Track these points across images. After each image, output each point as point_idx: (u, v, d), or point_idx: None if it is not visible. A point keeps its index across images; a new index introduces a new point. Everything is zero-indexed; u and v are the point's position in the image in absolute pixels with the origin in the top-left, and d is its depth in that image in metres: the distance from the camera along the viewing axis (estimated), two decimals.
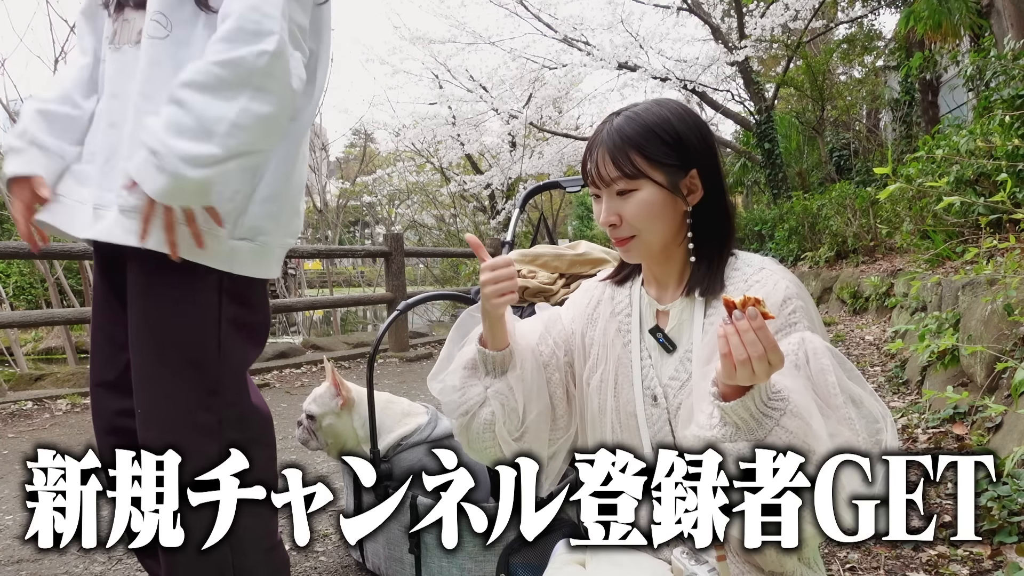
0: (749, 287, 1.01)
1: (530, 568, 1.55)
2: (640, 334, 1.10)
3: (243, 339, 1.26)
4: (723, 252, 1.06)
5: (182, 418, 1.19)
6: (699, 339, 1.03)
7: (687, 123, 1.04)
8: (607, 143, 1.02)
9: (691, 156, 1.03)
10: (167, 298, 1.19)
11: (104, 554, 2.17)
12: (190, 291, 1.20)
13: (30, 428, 4.04)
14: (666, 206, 1.02)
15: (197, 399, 1.21)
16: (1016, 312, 2.54)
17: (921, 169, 5.05)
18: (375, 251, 7.67)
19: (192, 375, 1.20)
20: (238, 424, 1.26)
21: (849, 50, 13.80)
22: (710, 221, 1.05)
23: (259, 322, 1.32)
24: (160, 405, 1.20)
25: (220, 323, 1.22)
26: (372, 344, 1.99)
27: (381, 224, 18.65)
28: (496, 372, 1.11)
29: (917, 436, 2.85)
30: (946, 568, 1.75)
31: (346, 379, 1.92)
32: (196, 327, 1.21)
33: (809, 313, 0.99)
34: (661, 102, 1.07)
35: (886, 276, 6.10)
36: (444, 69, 13.42)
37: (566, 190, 2.95)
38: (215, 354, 1.21)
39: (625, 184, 1.01)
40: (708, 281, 1.04)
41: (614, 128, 1.03)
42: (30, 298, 12.05)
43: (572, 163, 14.15)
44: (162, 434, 1.18)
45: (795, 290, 0.99)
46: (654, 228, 1.03)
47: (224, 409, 1.23)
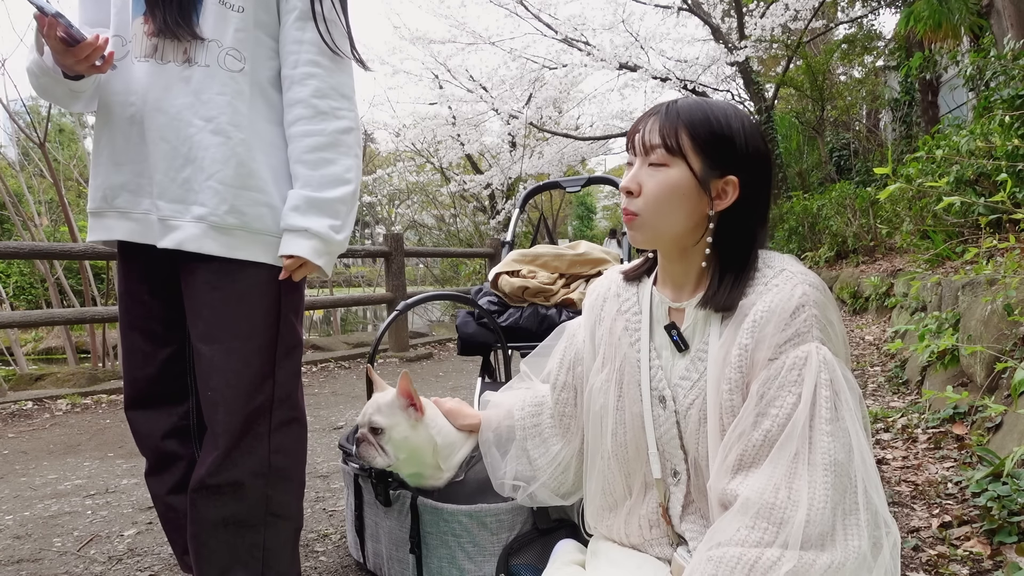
0: (768, 290, 0.98)
1: (530, 568, 1.55)
2: (650, 333, 1.10)
3: (296, 322, 1.41)
4: (744, 269, 1.02)
5: (243, 402, 1.32)
6: (715, 340, 1.02)
7: (746, 130, 1.03)
8: (663, 114, 1.02)
9: (735, 160, 1.02)
10: (237, 294, 1.32)
11: (104, 554, 2.17)
12: (258, 287, 1.34)
13: (30, 428, 4.04)
14: (688, 197, 1.01)
15: (257, 384, 1.33)
16: (1016, 312, 2.54)
17: (921, 169, 5.05)
18: (375, 251, 7.67)
19: (255, 362, 1.33)
20: (287, 403, 1.39)
21: (849, 50, 13.80)
22: (734, 233, 1.03)
23: (303, 302, 1.47)
24: (225, 391, 1.31)
25: (280, 312, 1.36)
26: (372, 344, 1.99)
27: (381, 224, 18.64)
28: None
29: (917, 436, 2.85)
30: (946, 568, 1.75)
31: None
32: (261, 318, 1.34)
33: (824, 322, 0.95)
34: (732, 104, 1.08)
35: (886, 276, 6.10)
36: (444, 69, 13.41)
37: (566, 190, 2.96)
38: (274, 340, 1.35)
39: (661, 156, 1.01)
40: (723, 299, 1.01)
41: (677, 104, 1.03)
42: (30, 298, 12.06)
43: (572, 163, 14.15)
44: (227, 417, 1.31)
45: (812, 296, 0.96)
46: (663, 212, 1.01)
47: (276, 389, 1.35)
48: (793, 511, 0.85)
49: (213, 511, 1.32)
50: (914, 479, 2.40)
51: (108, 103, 1.34)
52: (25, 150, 10.00)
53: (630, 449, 1.11)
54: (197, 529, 1.34)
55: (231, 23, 1.29)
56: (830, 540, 0.84)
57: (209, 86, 1.28)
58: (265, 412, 1.34)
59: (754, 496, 0.88)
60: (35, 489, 2.87)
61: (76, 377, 5.31)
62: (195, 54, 1.28)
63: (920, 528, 2.02)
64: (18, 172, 9.47)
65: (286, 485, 1.39)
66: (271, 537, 1.37)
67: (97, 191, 1.37)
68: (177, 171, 1.28)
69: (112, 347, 7.10)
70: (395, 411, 1.62)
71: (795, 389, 0.91)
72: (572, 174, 13.21)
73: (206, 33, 1.28)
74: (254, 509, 1.34)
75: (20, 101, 8.69)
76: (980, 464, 2.28)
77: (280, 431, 1.37)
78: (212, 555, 1.34)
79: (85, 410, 4.53)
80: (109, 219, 1.36)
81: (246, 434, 1.32)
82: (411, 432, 1.60)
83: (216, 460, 1.31)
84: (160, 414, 1.45)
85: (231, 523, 1.33)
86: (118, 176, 1.34)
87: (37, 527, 2.42)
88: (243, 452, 1.32)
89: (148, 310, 1.41)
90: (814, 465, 0.87)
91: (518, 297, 2.41)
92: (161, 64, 1.28)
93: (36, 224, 8.23)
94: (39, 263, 7.26)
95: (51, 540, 2.29)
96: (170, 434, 1.45)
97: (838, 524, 0.85)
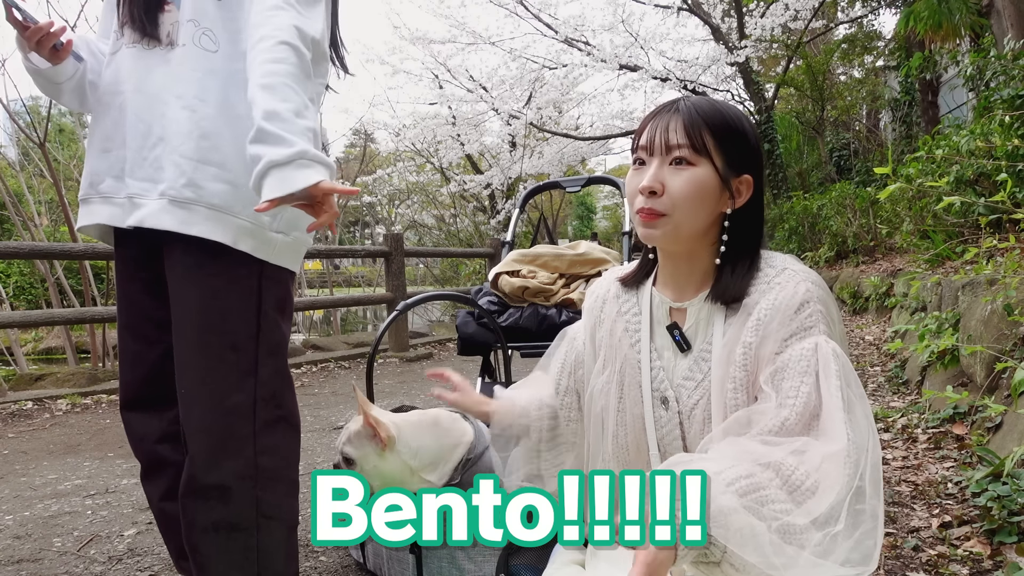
0: (771, 288, 0.99)
1: (530, 568, 1.55)
2: (650, 334, 1.09)
3: (280, 319, 1.37)
4: (752, 264, 1.03)
5: (218, 400, 1.28)
6: (719, 339, 1.01)
7: (753, 130, 1.06)
8: (683, 112, 1.01)
9: (750, 160, 1.03)
10: (210, 286, 1.28)
11: (104, 554, 2.17)
12: (233, 279, 1.29)
13: (30, 428, 4.04)
14: (712, 195, 1.01)
15: (234, 382, 1.29)
16: (1016, 312, 2.54)
17: (921, 169, 5.05)
18: (375, 251, 7.67)
19: (231, 358, 1.29)
20: (272, 402, 1.34)
21: (849, 50, 13.80)
22: (744, 232, 1.04)
23: (290, 300, 1.43)
24: (199, 388, 1.28)
25: (260, 308, 1.31)
26: (372, 344, 1.98)
27: (381, 224, 18.64)
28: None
29: (917, 436, 2.85)
30: (946, 568, 1.75)
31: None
32: (237, 312, 1.29)
33: (828, 316, 0.97)
34: (732, 104, 1.09)
35: (886, 276, 6.10)
36: (444, 69, 13.40)
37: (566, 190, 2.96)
38: (254, 338, 1.31)
39: (687, 153, 0.99)
40: (733, 290, 1.01)
41: (691, 102, 1.03)
42: (30, 298, 12.06)
43: (572, 163, 14.14)
44: (202, 415, 1.28)
45: (816, 293, 0.97)
46: (692, 211, 1.00)
47: (259, 388, 1.31)
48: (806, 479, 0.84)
49: (202, 516, 1.30)
50: (914, 479, 2.40)
51: (100, 94, 1.36)
52: (25, 150, 10.00)
53: (631, 451, 1.11)
54: (190, 534, 1.32)
55: (204, 3, 1.28)
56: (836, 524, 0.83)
57: (183, 64, 1.27)
58: (247, 412, 1.30)
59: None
60: (35, 489, 2.87)
61: (76, 377, 5.31)
62: (176, 36, 1.28)
63: (920, 528, 2.02)
64: (18, 172, 9.48)
65: (277, 486, 1.36)
66: (264, 539, 1.34)
67: (85, 179, 1.37)
68: (149, 149, 1.26)
69: (112, 347, 7.11)
70: (363, 441, 1.58)
71: (807, 379, 0.91)
72: (572, 174, 13.21)
73: (184, 15, 1.27)
74: (244, 512, 1.31)
75: (20, 101, 8.68)
76: (980, 464, 2.28)
77: (266, 432, 1.33)
78: (207, 560, 1.32)
79: (85, 410, 4.53)
80: (93, 203, 1.35)
81: (228, 436, 1.28)
82: (380, 462, 1.56)
83: (198, 463, 1.28)
84: (152, 417, 1.42)
85: (222, 527, 1.30)
86: (103, 162, 1.33)
87: (37, 527, 2.42)
88: (227, 455, 1.28)
89: (139, 309, 1.40)
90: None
91: (518, 297, 2.41)
92: (148, 49, 1.29)
93: (36, 224, 8.24)
94: (39, 263, 7.26)
95: (51, 540, 2.29)
96: (162, 439, 1.43)
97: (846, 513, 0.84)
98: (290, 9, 1.23)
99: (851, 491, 0.83)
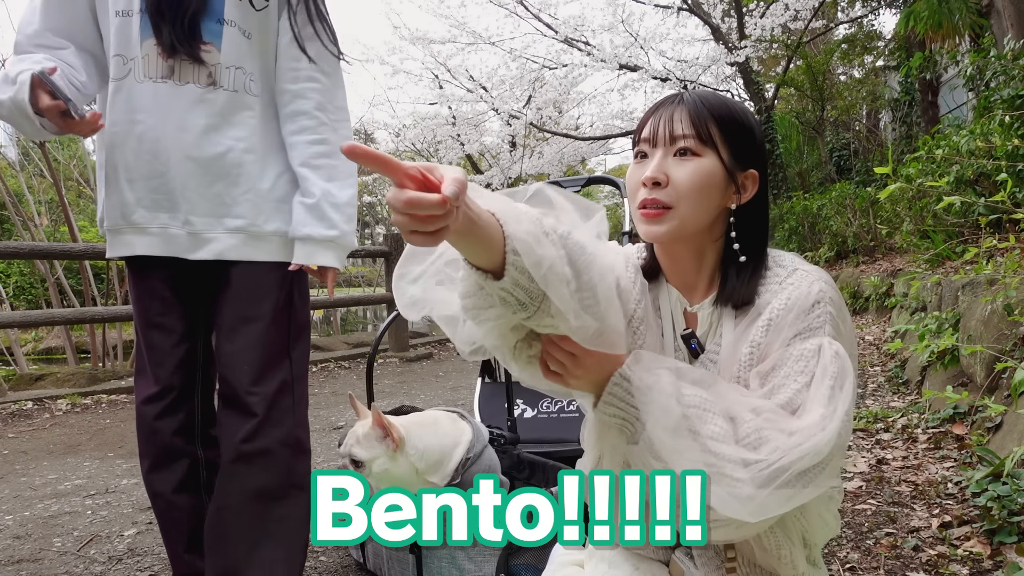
0: (783, 288, 0.97)
1: (530, 568, 1.55)
2: (674, 332, 1.06)
3: (304, 303, 1.59)
4: (760, 264, 1.01)
5: (273, 373, 1.49)
6: (728, 341, 1.00)
7: (758, 125, 1.04)
8: (688, 103, 0.99)
9: (755, 154, 1.01)
10: (264, 284, 1.49)
11: (104, 554, 2.17)
12: (273, 278, 1.50)
13: (30, 428, 4.05)
14: (717, 188, 0.98)
15: (279, 362, 1.50)
16: (1016, 312, 2.54)
17: (921, 169, 5.05)
18: (375, 251, 7.67)
19: (279, 340, 1.50)
20: (302, 382, 1.55)
21: (849, 50, 13.80)
22: (750, 228, 1.01)
23: (307, 286, 1.64)
24: (263, 365, 1.48)
25: (292, 295, 1.53)
26: (372, 344, 1.99)
27: (381, 224, 18.65)
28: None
29: (917, 436, 2.85)
30: (946, 568, 1.75)
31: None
32: (281, 302, 1.50)
33: (838, 320, 0.95)
34: (737, 99, 1.07)
35: (886, 276, 6.10)
36: (444, 69, 13.40)
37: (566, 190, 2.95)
38: (288, 323, 1.52)
39: (692, 144, 0.97)
40: (743, 293, 0.99)
41: (696, 94, 1.01)
42: (30, 298, 12.06)
43: (572, 163, 14.15)
44: (264, 387, 1.47)
45: (828, 293, 0.95)
46: (698, 204, 0.97)
47: (294, 367, 1.53)
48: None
49: (247, 481, 1.43)
50: (914, 479, 2.40)
51: (113, 122, 1.40)
52: (25, 150, 10.00)
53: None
54: (229, 502, 1.43)
55: (244, 49, 1.42)
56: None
57: (237, 109, 1.42)
58: (288, 388, 1.50)
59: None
60: (35, 489, 2.87)
61: (76, 377, 5.31)
62: (220, 77, 1.40)
63: (920, 528, 2.02)
64: (18, 172, 9.47)
65: (304, 457, 1.53)
66: (292, 508, 1.47)
67: (114, 209, 1.44)
68: (207, 187, 1.41)
69: (112, 347, 7.11)
70: (373, 443, 1.62)
71: (801, 379, 0.89)
72: (572, 174, 13.20)
73: (226, 58, 1.39)
74: (281, 480, 1.46)
75: None
76: (980, 464, 2.28)
77: (300, 406, 1.53)
78: (241, 531, 1.43)
79: (85, 410, 4.53)
80: (127, 235, 1.45)
81: (274, 406, 1.46)
82: (391, 464, 1.61)
83: (252, 428, 1.43)
84: (170, 410, 1.52)
85: (263, 494, 1.44)
86: (132, 193, 1.42)
87: (37, 527, 2.42)
88: (273, 423, 1.46)
89: (168, 307, 1.51)
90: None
91: None
92: (179, 85, 1.38)
93: (36, 224, 8.22)
94: (39, 263, 7.26)
95: (51, 540, 2.29)
96: (178, 431, 1.53)
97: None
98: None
99: (797, 460, 0.82)
